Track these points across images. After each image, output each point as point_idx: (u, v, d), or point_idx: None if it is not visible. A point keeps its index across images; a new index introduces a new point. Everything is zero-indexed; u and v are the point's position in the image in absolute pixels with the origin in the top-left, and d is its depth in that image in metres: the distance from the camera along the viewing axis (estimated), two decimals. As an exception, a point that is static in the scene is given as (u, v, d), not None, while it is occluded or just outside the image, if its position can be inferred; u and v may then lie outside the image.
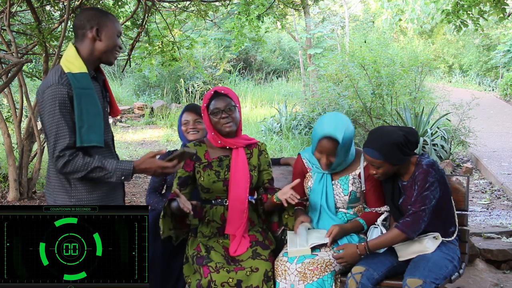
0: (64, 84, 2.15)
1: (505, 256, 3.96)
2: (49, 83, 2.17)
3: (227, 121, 2.75)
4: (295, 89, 16.50)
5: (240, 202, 2.75)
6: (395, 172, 2.68)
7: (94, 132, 2.20)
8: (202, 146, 2.85)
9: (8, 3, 4.83)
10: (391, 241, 2.59)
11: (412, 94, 8.97)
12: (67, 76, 2.18)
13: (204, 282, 2.50)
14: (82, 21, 2.27)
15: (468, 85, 20.97)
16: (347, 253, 2.61)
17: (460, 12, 5.29)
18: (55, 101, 2.14)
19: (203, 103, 2.79)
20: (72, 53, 2.25)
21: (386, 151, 2.55)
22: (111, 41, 2.28)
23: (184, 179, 2.78)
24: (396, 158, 2.57)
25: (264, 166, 2.88)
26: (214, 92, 2.79)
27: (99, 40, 2.26)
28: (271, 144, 9.04)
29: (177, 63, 7.67)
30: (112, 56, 2.32)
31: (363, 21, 22.14)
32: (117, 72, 16.62)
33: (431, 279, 2.40)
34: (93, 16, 2.27)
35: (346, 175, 2.83)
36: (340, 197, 2.81)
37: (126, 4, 6.54)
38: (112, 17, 2.32)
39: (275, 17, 9.43)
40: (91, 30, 2.25)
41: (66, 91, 2.15)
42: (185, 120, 3.24)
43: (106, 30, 2.26)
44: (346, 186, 2.80)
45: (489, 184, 7.12)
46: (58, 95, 2.14)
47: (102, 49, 2.28)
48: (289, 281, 2.54)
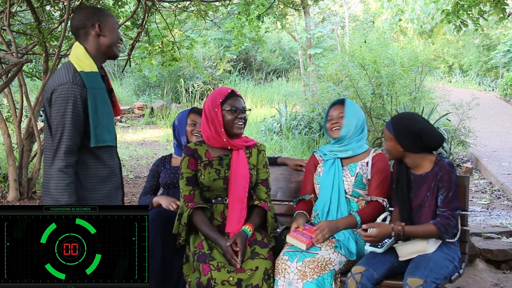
0: (78, 84, 2.14)
1: (505, 256, 3.96)
2: (62, 81, 2.15)
3: (240, 121, 2.80)
4: (295, 89, 16.51)
5: (240, 200, 2.77)
6: (407, 165, 2.71)
7: (108, 132, 2.22)
8: (202, 146, 2.87)
9: (8, 3, 4.83)
10: (424, 235, 2.56)
11: (412, 94, 8.96)
12: (80, 75, 2.17)
13: (203, 280, 2.50)
14: (81, 21, 2.28)
15: (468, 85, 20.98)
16: (381, 233, 2.55)
17: (460, 12, 5.29)
18: (68, 100, 2.12)
19: (218, 98, 2.79)
20: (82, 51, 2.25)
21: (399, 129, 2.65)
22: (114, 34, 2.30)
23: (193, 178, 2.80)
24: (404, 141, 2.63)
25: (260, 166, 2.90)
26: (231, 91, 2.82)
27: (103, 35, 2.28)
28: (271, 144, 9.03)
29: (177, 63, 7.67)
30: (117, 49, 2.35)
31: (363, 21, 22.15)
32: (117, 72, 16.62)
33: (431, 279, 2.39)
34: (92, 14, 2.28)
35: (355, 162, 2.93)
36: (347, 178, 2.89)
37: (126, 4, 6.54)
38: (108, 12, 2.36)
39: (275, 17, 9.43)
40: (93, 27, 2.26)
41: (79, 92, 2.14)
42: (193, 121, 3.27)
43: (107, 24, 2.29)
44: (353, 169, 2.91)
45: (489, 184, 7.12)
46: (71, 94, 2.13)
47: (107, 44, 2.29)
48: (288, 279, 2.54)
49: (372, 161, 2.91)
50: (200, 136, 3.16)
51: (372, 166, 2.90)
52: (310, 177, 3.03)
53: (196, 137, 3.21)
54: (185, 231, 2.75)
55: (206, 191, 2.81)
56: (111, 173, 2.31)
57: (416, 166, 2.71)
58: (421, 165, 2.69)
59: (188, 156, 2.82)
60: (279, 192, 3.27)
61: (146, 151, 9.48)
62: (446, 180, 2.59)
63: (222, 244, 2.65)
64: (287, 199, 3.29)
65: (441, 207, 2.60)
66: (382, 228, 2.55)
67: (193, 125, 3.26)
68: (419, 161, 2.69)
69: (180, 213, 2.78)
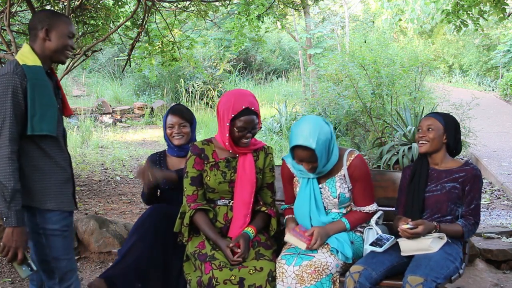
0: (19, 74, 2.22)
1: (505, 256, 3.96)
2: (3, 72, 2.23)
3: (248, 139, 2.73)
4: (295, 89, 16.51)
5: (245, 206, 2.75)
6: (431, 155, 2.78)
7: (47, 122, 2.26)
8: (210, 146, 2.82)
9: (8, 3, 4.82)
10: (452, 233, 2.66)
11: (412, 94, 8.96)
12: (22, 68, 2.25)
13: (205, 279, 2.50)
14: (34, 23, 2.37)
15: (468, 85, 20.97)
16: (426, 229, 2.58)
17: (460, 12, 5.29)
18: (7, 89, 2.19)
19: (230, 112, 2.65)
20: (27, 49, 2.33)
21: (450, 122, 2.76)
22: (60, 41, 2.36)
23: (198, 178, 2.77)
24: (450, 133, 2.74)
25: (267, 169, 2.86)
26: (245, 108, 2.65)
27: (49, 40, 2.34)
28: (271, 144, 9.04)
29: (177, 63, 7.66)
30: (63, 55, 2.41)
31: (363, 21, 22.13)
32: (117, 72, 16.62)
33: (432, 278, 2.40)
34: (44, 18, 2.36)
35: (332, 177, 2.77)
36: (330, 200, 2.77)
37: (126, 4, 6.53)
38: (65, 19, 2.42)
39: (275, 17, 9.42)
40: (41, 31, 2.33)
41: (20, 81, 2.21)
42: (170, 123, 3.08)
43: (56, 30, 2.35)
44: (334, 188, 2.75)
45: (489, 184, 7.12)
46: (11, 83, 2.20)
47: (52, 48, 2.35)
48: (287, 283, 2.53)
49: (349, 172, 2.75)
50: (181, 137, 3.07)
51: (351, 178, 2.75)
52: (290, 188, 2.90)
53: (177, 139, 3.07)
54: (187, 231, 2.74)
55: (210, 192, 2.79)
56: (57, 165, 2.34)
57: (441, 162, 2.78)
58: (447, 162, 2.78)
59: (194, 155, 2.78)
60: (279, 192, 3.26)
61: (146, 151, 9.48)
62: (477, 184, 2.70)
63: (222, 245, 2.63)
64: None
65: (466, 210, 2.72)
66: (427, 226, 2.60)
67: (171, 128, 3.08)
68: (445, 158, 2.78)
69: (182, 212, 2.77)
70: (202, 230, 2.73)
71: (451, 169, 2.75)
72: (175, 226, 2.78)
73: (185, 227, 2.74)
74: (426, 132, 2.74)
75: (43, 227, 2.30)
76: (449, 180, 2.72)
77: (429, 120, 2.77)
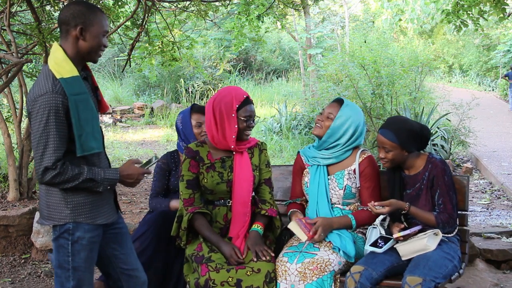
0: (59, 93, 2.07)
1: (505, 256, 3.96)
2: (42, 91, 2.07)
3: (250, 129, 2.74)
4: (295, 89, 16.52)
5: (244, 204, 2.74)
6: (399, 165, 2.72)
7: (94, 139, 2.15)
8: (204, 147, 2.80)
9: (8, 3, 4.82)
10: (424, 219, 2.63)
11: (412, 94, 8.97)
12: (60, 83, 2.09)
13: (201, 281, 2.49)
14: (66, 17, 2.16)
15: (468, 85, 20.99)
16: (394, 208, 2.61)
17: (460, 12, 5.28)
18: (49, 110, 2.05)
19: (234, 103, 2.66)
20: (60, 55, 2.15)
21: (402, 135, 2.63)
22: (95, 42, 2.19)
23: (194, 181, 2.74)
24: (409, 145, 2.64)
25: (263, 166, 2.86)
26: (246, 96, 2.71)
27: (83, 40, 2.17)
28: (271, 144, 9.04)
29: (177, 63, 7.66)
30: (97, 55, 2.24)
31: (363, 21, 22.13)
32: (117, 72, 16.63)
33: (430, 277, 2.40)
34: (80, 13, 2.16)
35: (342, 170, 2.84)
36: (335, 191, 2.81)
37: (126, 4, 6.53)
38: (100, 14, 2.21)
39: (275, 17, 9.42)
40: (75, 28, 2.15)
41: (61, 100, 2.07)
42: (199, 122, 3.10)
43: (91, 29, 2.17)
44: (341, 180, 2.81)
45: (489, 184, 7.12)
46: (52, 104, 2.05)
47: (86, 49, 2.19)
48: (290, 281, 2.54)
49: (360, 168, 2.82)
50: (205, 135, 3.02)
51: (361, 175, 2.81)
52: (298, 180, 2.98)
53: (202, 137, 3.06)
54: (185, 235, 2.72)
55: (208, 194, 2.77)
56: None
57: (411, 167, 2.74)
58: (416, 164, 2.73)
59: (189, 158, 2.75)
60: (279, 192, 3.27)
61: (146, 151, 9.48)
62: (441, 177, 2.64)
63: (226, 250, 2.61)
64: (287, 199, 3.27)
65: (438, 205, 2.65)
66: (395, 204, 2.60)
67: (199, 127, 3.09)
68: (415, 161, 2.73)
69: (179, 216, 2.75)
70: (203, 236, 2.71)
71: (418, 173, 2.71)
72: (172, 230, 2.76)
73: (183, 231, 2.71)
74: (385, 154, 2.69)
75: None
76: (421, 185, 2.70)
77: (383, 141, 2.66)
